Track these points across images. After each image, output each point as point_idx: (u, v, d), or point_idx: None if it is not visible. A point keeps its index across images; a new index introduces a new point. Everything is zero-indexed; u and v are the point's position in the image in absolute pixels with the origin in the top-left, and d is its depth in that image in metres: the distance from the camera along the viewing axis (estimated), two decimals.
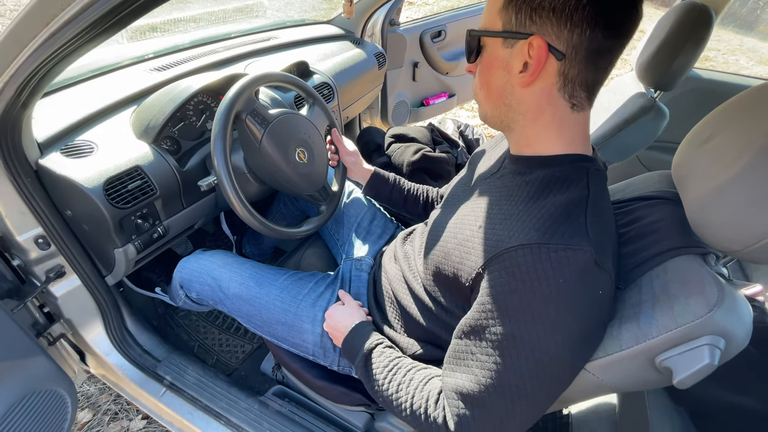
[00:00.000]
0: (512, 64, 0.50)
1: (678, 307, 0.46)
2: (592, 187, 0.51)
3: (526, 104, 0.52)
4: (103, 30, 0.48)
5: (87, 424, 1.15)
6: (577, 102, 0.51)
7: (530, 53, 0.47)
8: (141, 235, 0.83)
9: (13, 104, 0.57)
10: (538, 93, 0.51)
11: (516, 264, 0.46)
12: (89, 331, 0.96)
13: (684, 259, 0.51)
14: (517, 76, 0.50)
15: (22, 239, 0.76)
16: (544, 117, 0.52)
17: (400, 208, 1.00)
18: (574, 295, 0.45)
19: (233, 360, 1.20)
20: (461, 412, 0.50)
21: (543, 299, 0.45)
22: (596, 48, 0.46)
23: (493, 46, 0.51)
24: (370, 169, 1.00)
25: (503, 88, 0.53)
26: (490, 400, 0.48)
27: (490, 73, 0.53)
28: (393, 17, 1.76)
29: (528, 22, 0.47)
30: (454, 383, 0.52)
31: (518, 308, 0.46)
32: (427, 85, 2.13)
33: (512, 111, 0.54)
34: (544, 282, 0.45)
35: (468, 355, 0.51)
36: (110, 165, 0.76)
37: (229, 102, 0.74)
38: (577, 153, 0.53)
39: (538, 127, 0.53)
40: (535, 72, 0.48)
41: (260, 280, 0.83)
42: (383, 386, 0.61)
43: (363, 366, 0.65)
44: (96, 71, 0.99)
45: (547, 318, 0.45)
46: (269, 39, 1.39)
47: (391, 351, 0.66)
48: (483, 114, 0.59)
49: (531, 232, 0.47)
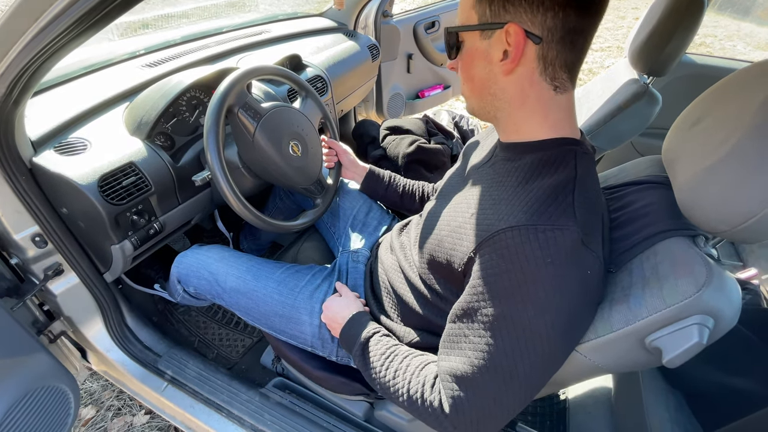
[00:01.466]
0: (492, 54, 0.51)
1: (667, 288, 0.47)
2: (579, 169, 0.51)
3: (510, 92, 0.53)
4: (91, 24, 0.48)
5: (91, 420, 1.16)
6: (559, 84, 0.52)
7: (508, 41, 0.49)
8: (137, 231, 0.83)
9: (4, 102, 0.57)
10: (520, 79, 0.52)
11: (505, 246, 0.47)
12: (89, 327, 0.97)
13: (673, 241, 0.52)
14: (498, 64, 0.51)
15: (19, 238, 0.76)
16: (529, 102, 0.53)
17: (397, 205, 1.02)
18: (562, 275, 0.46)
19: (233, 354, 1.21)
20: (455, 394, 0.51)
21: (532, 280, 0.46)
22: (571, 28, 0.48)
23: (471, 40, 0.53)
24: (366, 167, 1.00)
25: (486, 79, 0.54)
26: (483, 381, 0.49)
27: (472, 66, 0.54)
28: (386, 9, 1.75)
29: (502, 11, 0.48)
30: (448, 366, 0.53)
31: (508, 289, 0.47)
32: (421, 77, 2.13)
33: (497, 100, 0.55)
34: (532, 262, 0.46)
35: (461, 338, 0.52)
36: (104, 162, 0.76)
37: (221, 96, 0.74)
38: (565, 137, 0.54)
39: (523, 112, 0.54)
40: (515, 58, 0.49)
41: (257, 273, 0.84)
42: (380, 373, 0.62)
43: (360, 355, 0.66)
44: (88, 68, 0.99)
45: (537, 298, 0.46)
46: (261, 33, 1.39)
47: (387, 339, 0.67)
48: (470, 108, 0.60)
49: (519, 215, 0.48)
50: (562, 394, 1.07)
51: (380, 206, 1.07)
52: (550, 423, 1.03)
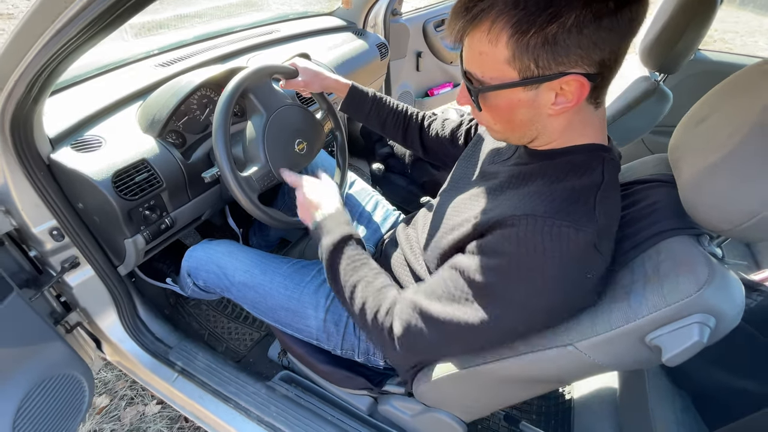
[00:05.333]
0: (541, 101, 0.49)
1: (668, 286, 0.47)
2: (606, 175, 0.52)
3: (555, 125, 0.53)
4: (105, 26, 0.50)
5: (105, 409, 1.20)
6: (600, 100, 0.52)
7: (562, 87, 0.47)
8: (149, 226, 0.86)
9: (24, 100, 0.60)
10: (569, 113, 0.51)
11: (517, 231, 0.49)
12: (104, 319, 1.00)
13: (677, 240, 0.51)
14: (548, 107, 0.49)
15: (38, 231, 0.80)
16: (572, 125, 0.53)
17: (378, 128, 0.97)
18: (564, 273, 0.47)
19: (242, 347, 1.23)
20: (413, 322, 0.57)
21: (533, 267, 0.47)
22: (622, 50, 0.47)
23: (509, 93, 0.50)
24: (348, 84, 0.94)
25: (530, 121, 0.52)
26: (442, 326, 0.54)
27: (511, 113, 0.52)
28: (395, 7, 1.75)
29: (553, 64, 0.45)
30: (416, 299, 0.58)
31: (506, 267, 0.49)
32: (431, 75, 2.13)
33: (539, 132, 0.54)
34: (540, 251, 0.47)
35: (440, 283, 0.56)
36: (118, 158, 0.79)
37: (229, 95, 0.76)
38: (595, 143, 0.55)
39: (564, 134, 0.54)
40: (573, 104, 0.48)
41: (264, 267, 0.86)
42: (343, 276, 0.65)
43: (332, 251, 0.67)
44: (103, 68, 1.02)
45: (531, 285, 0.48)
46: (272, 32, 1.40)
47: (361, 250, 0.69)
48: (502, 138, 0.59)
49: (539, 207, 0.49)
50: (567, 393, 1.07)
51: (386, 204, 1.08)
52: (554, 422, 1.03)
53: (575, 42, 0.44)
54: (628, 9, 0.43)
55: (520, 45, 0.45)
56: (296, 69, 0.92)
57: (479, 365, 0.61)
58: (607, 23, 0.43)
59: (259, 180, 0.81)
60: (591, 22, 0.42)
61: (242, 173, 0.78)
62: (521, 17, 0.43)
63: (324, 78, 0.93)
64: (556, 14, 0.42)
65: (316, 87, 0.93)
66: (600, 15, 0.42)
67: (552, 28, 0.43)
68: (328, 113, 1.01)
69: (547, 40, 0.44)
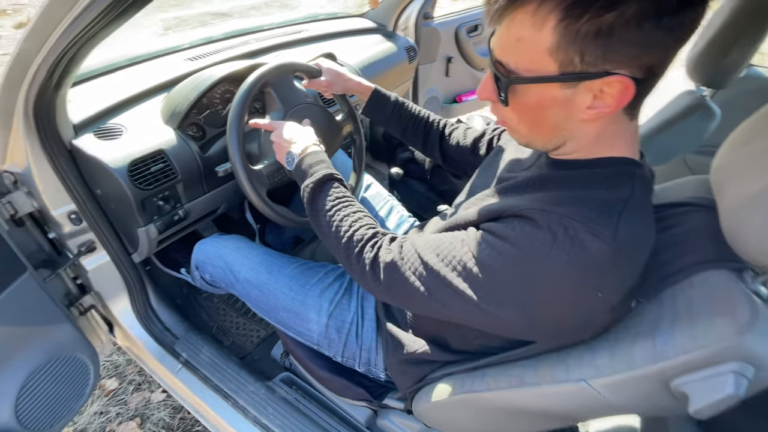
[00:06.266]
0: (576, 102, 0.44)
1: (701, 327, 0.41)
2: (636, 191, 0.47)
3: (587, 131, 0.48)
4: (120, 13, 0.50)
5: (113, 392, 1.23)
6: (636, 112, 0.48)
7: (604, 89, 0.42)
8: (162, 217, 0.86)
9: (45, 85, 0.61)
10: (604, 121, 0.46)
11: (528, 222, 0.45)
12: (116, 304, 1.02)
13: (714, 273, 0.46)
14: (583, 111, 0.44)
15: (57, 214, 0.82)
16: (604, 135, 0.48)
17: (399, 133, 0.94)
18: (569, 280, 0.43)
19: (248, 343, 1.23)
20: (405, 258, 0.54)
21: (536, 264, 0.44)
22: (674, 57, 0.42)
23: (544, 88, 0.45)
24: (371, 87, 0.92)
25: (560, 123, 0.47)
26: (432, 276, 0.51)
27: (540, 112, 0.47)
28: (427, 11, 1.73)
29: (600, 60, 0.40)
30: (416, 240, 0.56)
31: (507, 254, 0.45)
32: (460, 81, 2.08)
33: (568, 139, 0.49)
34: (547, 248, 0.43)
35: (442, 241, 0.53)
36: (136, 148, 0.80)
37: (248, 88, 0.76)
38: (625, 156, 0.49)
39: (594, 145, 0.49)
40: (612, 109, 0.43)
41: (270, 266, 0.84)
42: (328, 210, 0.63)
43: (315, 188, 0.65)
44: (134, 59, 1.05)
45: (529, 282, 0.44)
46: (300, 32, 1.41)
47: (345, 190, 0.67)
48: (525, 142, 0.54)
49: (557, 207, 0.45)
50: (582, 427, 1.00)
51: (402, 209, 1.05)
52: None
53: (631, 38, 0.38)
54: (691, 9, 0.38)
55: (569, 32, 0.39)
56: (320, 68, 0.91)
57: (483, 392, 0.57)
58: (667, 22, 0.38)
59: (269, 175, 0.80)
60: (651, 17, 0.37)
61: (253, 167, 0.78)
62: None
63: (347, 80, 0.91)
64: (616, 1, 0.37)
65: (338, 88, 0.92)
66: (662, 11, 0.37)
67: (609, 17, 0.37)
68: (348, 116, 1.00)
69: (600, 30, 0.38)
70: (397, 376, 0.74)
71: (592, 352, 0.49)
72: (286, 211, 0.83)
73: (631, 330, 0.48)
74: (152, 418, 1.17)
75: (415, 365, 0.70)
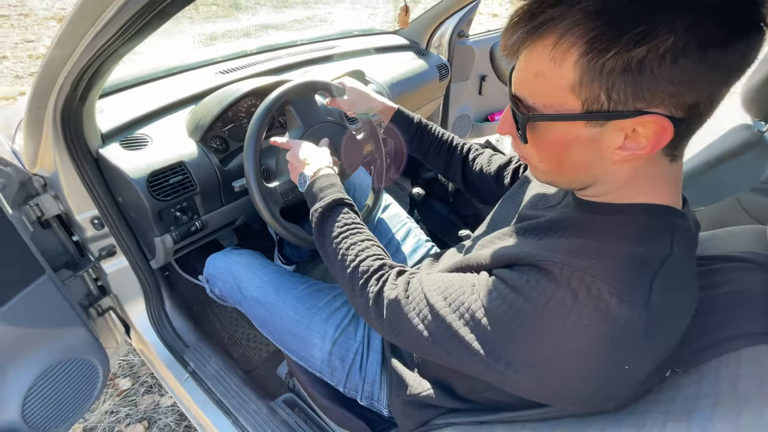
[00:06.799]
0: (604, 142, 0.39)
1: (747, 416, 0.34)
2: (676, 248, 0.40)
3: (618, 174, 0.42)
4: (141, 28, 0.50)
5: (125, 392, 1.25)
6: (679, 153, 0.41)
7: (636, 129, 0.37)
8: (179, 227, 0.87)
9: (71, 97, 0.63)
10: (636, 163, 0.41)
11: (546, 276, 0.40)
12: (132, 307, 1.04)
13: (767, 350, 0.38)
14: (613, 151, 0.39)
15: (80, 218, 0.84)
16: (637, 178, 0.42)
17: (420, 155, 0.91)
18: (589, 351, 0.37)
19: (256, 357, 1.22)
20: (410, 296, 0.51)
21: (551, 328, 0.38)
22: (724, 95, 0.37)
23: (566, 126, 0.40)
24: (394, 107, 0.90)
25: (586, 164, 0.42)
26: (436, 319, 0.47)
27: (564, 151, 0.42)
28: (462, 29, 1.70)
29: (630, 98, 0.35)
30: (424, 278, 0.52)
31: (519, 310, 0.41)
32: (493, 100, 2.03)
33: (596, 181, 0.44)
34: (565, 311, 0.37)
35: (450, 283, 0.49)
36: (157, 159, 0.81)
37: (268, 105, 0.75)
38: (663, 204, 0.43)
39: (626, 189, 0.44)
40: (646, 152, 0.38)
41: (279, 286, 0.83)
42: (335, 237, 0.61)
43: (324, 212, 0.64)
44: (169, 71, 1.08)
45: (539, 347, 0.39)
46: (333, 48, 1.42)
47: (356, 216, 0.65)
48: (547, 180, 0.49)
49: (578, 261, 0.39)
50: None
51: (420, 233, 1.01)
52: None
53: (667, 75, 0.33)
54: (744, 42, 0.33)
55: (593, 68, 0.35)
56: (343, 87, 0.89)
57: None
58: (713, 57, 0.32)
59: (283, 193, 0.78)
60: (693, 51, 0.32)
61: (267, 184, 0.77)
62: (601, 32, 0.34)
63: (370, 99, 0.90)
64: (648, 35, 0.32)
65: (361, 107, 0.91)
66: (706, 44, 0.32)
67: (639, 52, 0.33)
68: (370, 135, 0.98)
69: (629, 66, 0.34)
70: (400, 417, 0.69)
71: (616, 425, 0.42)
72: (299, 230, 0.81)
73: (663, 405, 0.41)
74: (159, 422, 1.18)
75: (419, 408, 0.65)
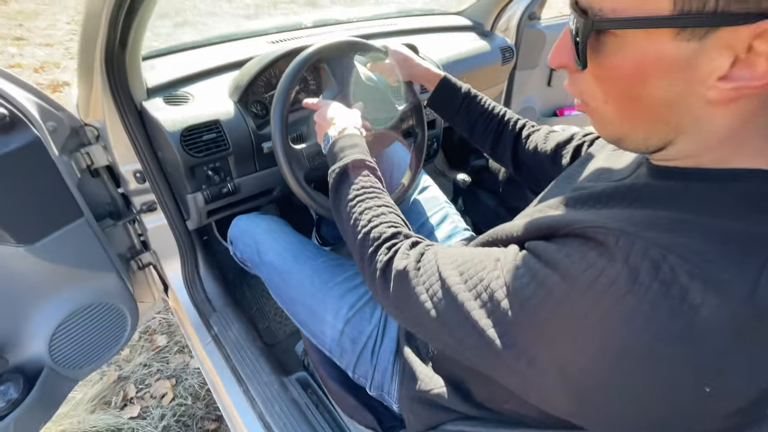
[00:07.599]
0: (702, 67, 0.28)
1: None
2: None
3: (717, 122, 0.30)
4: None
5: (160, 348, 1.30)
6: None
7: (753, 45, 0.26)
8: (210, 187, 0.87)
9: (111, 42, 0.64)
10: (747, 104, 0.29)
11: (592, 249, 0.29)
12: (169, 265, 1.07)
13: None
14: (713, 83, 0.28)
15: (124, 170, 0.87)
16: (744, 132, 0.31)
17: (466, 131, 0.81)
18: (651, 354, 0.26)
19: (280, 332, 1.20)
20: (421, 271, 0.44)
21: (594, 312, 0.28)
22: None
23: (646, 40, 0.29)
24: (439, 75, 0.81)
25: (671, 104, 0.31)
26: (448, 299, 0.39)
27: (638, 82, 0.31)
28: (534, 10, 1.55)
29: None
30: (440, 252, 0.44)
31: (553, 290, 0.30)
32: (564, 93, 1.83)
33: (682, 132, 0.32)
34: (616, 292, 0.27)
35: (470, 258, 0.40)
36: (195, 114, 0.81)
37: (300, 60, 0.72)
38: None
39: (724, 143, 0.32)
40: (764, 82, 0.26)
41: (298, 255, 0.78)
42: (351, 199, 0.55)
43: (342, 173, 0.58)
44: (222, 38, 1.10)
45: (576, 336, 0.29)
46: (390, 25, 1.36)
47: (376, 180, 0.59)
48: (614, 136, 0.38)
49: (647, 231, 0.28)
50: None
51: (458, 218, 0.91)
52: None
53: None
54: None
55: None
56: (386, 50, 0.83)
57: None
58: None
59: (309, 157, 0.74)
60: None
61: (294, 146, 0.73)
62: None
63: (414, 65, 0.82)
64: None
65: (403, 73, 0.83)
66: None
67: None
68: (412, 106, 0.90)
69: None
70: (408, 414, 0.61)
71: None
72: (321, 197, 0.76)
73: None
74: (185, 382, 1.21)
75: (428, 408, 0.56)
